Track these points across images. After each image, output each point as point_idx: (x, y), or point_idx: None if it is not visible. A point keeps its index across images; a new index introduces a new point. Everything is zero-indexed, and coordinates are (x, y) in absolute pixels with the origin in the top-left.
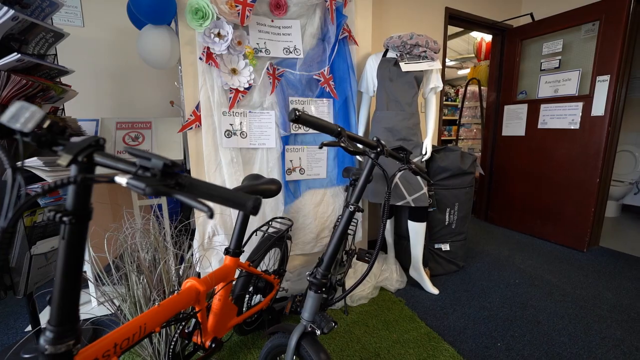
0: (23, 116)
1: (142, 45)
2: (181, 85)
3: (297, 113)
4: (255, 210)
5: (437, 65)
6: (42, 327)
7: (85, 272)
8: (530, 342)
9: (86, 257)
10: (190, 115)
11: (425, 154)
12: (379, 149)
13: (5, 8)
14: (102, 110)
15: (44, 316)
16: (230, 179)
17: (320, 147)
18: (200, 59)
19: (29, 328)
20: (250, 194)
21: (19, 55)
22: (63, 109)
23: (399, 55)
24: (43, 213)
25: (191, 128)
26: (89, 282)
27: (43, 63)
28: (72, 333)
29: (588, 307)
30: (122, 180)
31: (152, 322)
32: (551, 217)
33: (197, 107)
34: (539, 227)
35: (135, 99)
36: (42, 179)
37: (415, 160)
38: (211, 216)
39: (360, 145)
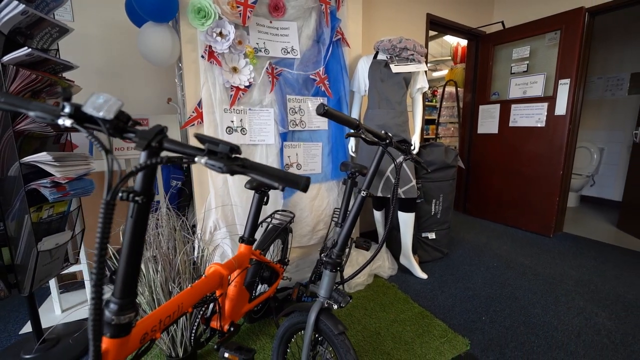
0: (104, 105)
1: (144, 43)
2: (180, 83)
3: (325, 108)
4: (306, 188)
5: (423, 67)
6: (107, 299)
7: (78, 272)
8: (510, 315)
9: (83, 258)
10: (193, 112)
11: (414, 149)
12: (387, 141)
13: (15, 2)
14: None
15: (43, 313)
16: None
17: (347, 137)
18: (202, 57)
19: (24, 330)
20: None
21: (30, 49)
22: None
23: (389, 57)
24: (49, 209)
25: (193, 124)
26: (85, 281)
27: (50, 58)
28: (132, 306)
29: (556, 283)
30: (202, 160)
31: (187, 302)
32: (521, 207)
33: (199, 104)
34: (511, 216)
35: (128, 95)
36: (49, 174)
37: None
38: (283, 189)
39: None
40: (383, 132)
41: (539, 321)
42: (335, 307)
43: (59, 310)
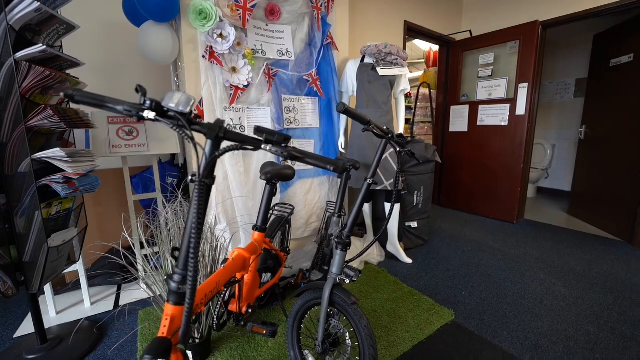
0: (182, 101)
1: (145, 42)
2: (177, 81)
3: (345, 106)
4: (343, 170)
5: (406, 71)
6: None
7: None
8: (485, 289)
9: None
10: (194, 110)
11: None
12: (389, 135)
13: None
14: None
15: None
16: (232, 169)
17: (363, 131)
18: (204, 57)
19: (18, 333)
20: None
21: (44, 46)
22: (68, 102)
23: (375, 61)
24: (57, 205)
25: None
26: (81, 281)
27: (61, 55)
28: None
29: (521, 261)
30: (267, 147)
31: (222, 280)
32: (489, 198)
33: (200, 102)
34: (480, 206)
35: (120, 93)
36: (60, 170)
37: (390, 151)
38: (333, 170)
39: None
40: (385, 127)
41: (509, 292)
42: (347, 281)
43: (54, 312)
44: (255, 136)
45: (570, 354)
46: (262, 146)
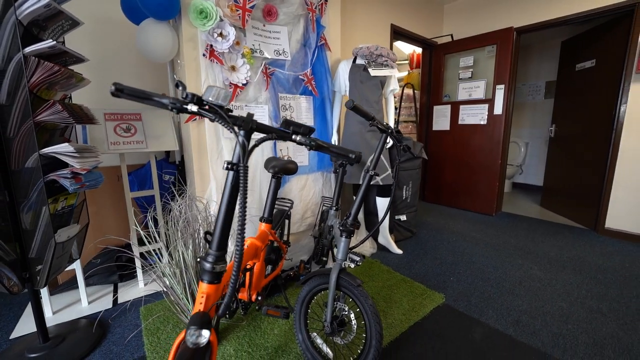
0: (220, 95)
1: (145, 40)
2: (176, 79)
3: (354, 103)
4: (357, 160)
5: (395, 72)
6: (201, 256)
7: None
8: (470, 274)
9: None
10: None
11: (389, 142)
12: (390, 130)
13: None
14: (79, 100)
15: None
16: None
17: (370, 126)
18: (204, 55)
19: (15, 334)
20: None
21: (54, 42)
22: (70, 97)
23: (367, 62)
24: (63, 201)
25: (195, 119)
26: (78, 280)
27: (68, 50)
28: (224, 259)
29: (501, 249)
30: (297, 138)
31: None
32: (469, 192)
33: None
34: (462, 201)
35: None
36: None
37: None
38: (355, 158)
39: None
40: (385, 123)
41: (492, 277)
42: (352, 265)
43: (50, 312)
44: (283, 128)
45: (546, 326)
46: (293, 137)
